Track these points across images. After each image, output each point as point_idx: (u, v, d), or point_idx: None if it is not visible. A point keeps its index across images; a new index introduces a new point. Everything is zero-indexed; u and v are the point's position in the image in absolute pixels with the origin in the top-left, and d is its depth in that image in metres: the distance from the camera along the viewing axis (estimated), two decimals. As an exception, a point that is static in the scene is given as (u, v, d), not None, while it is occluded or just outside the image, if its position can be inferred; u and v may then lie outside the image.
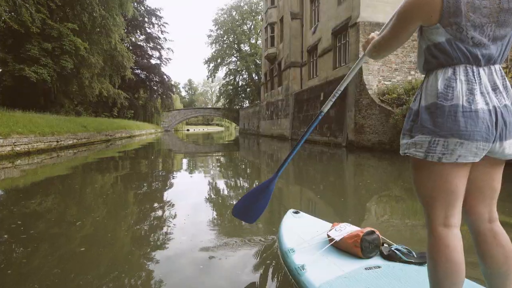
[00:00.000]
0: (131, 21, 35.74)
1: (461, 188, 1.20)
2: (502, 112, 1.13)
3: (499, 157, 1.20)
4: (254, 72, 46.63)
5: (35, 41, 17.32)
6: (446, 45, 1.14)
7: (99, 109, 29.39)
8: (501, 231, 1.25)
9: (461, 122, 1.10)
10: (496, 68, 1.17)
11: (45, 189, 5.22)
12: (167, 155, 12.16)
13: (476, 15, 1.10)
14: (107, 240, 2.89)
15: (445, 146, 1.13)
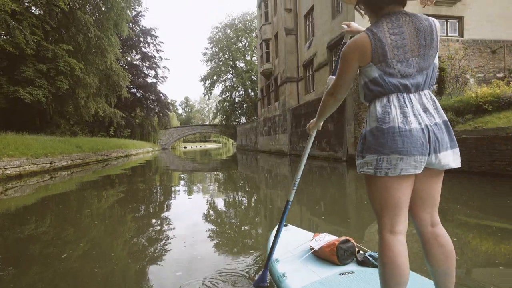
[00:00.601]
0: (126, 40, 35.98)
1: (404, 200, 1.38)
2: (434, 130, 1.33)
3: (437, 168, 1.40)
4: (250, 88, 46.85)
5: (30, 62, 17.27)
6: (379, 79, 1.36)
7: (96, 129, 29.17)
8: (442, 233, 1.43)
9: (399, 141, 1.30)
10: (425, 93, 1.38)
11: (34, 213, 4.92)
12: (163, 174, 11.86)
13: (399, 52, 1.33)
14: (102, 266, 2.79)
15: (389, 162, 1.32)
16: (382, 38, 1.34)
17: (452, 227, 3.69)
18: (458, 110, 8.67)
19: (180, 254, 3.01)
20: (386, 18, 1.38)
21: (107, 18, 21.34)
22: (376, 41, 1.34)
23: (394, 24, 1.36)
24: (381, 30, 1.35)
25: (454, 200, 5.33)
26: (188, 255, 3.00)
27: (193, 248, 3.17)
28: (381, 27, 1.36)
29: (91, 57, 21.40)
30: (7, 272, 2.63)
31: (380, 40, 1.33)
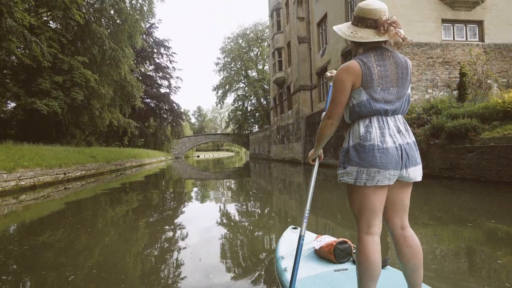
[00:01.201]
0: (140, 52, 36.53)
1: (379, 206, 1.60)
2: (406, 148, 1.56)
3: (407, 180, 1.64)
4: (262, 97, 46.80)
5: (46, 74, 17.60)
6: (366, 102, 1.56)
7: (110, 139, 29.49)
8: (410, 235, 1.65)
9: (377, 157, 1.52)
10: (399, 117, 1.63)
11: (48, 224, 4.79)
12: (177, 184, 11.70)
13: (383, 81, 1.54)
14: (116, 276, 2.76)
15: (368, 174, 1.54)
16: (371, 67, 1.55)
17: (496, 248, 3.36)
18: (484, 116, 8.27)
19: (193, 271, 2.91)
20: (373, 51, 1.60)
21: (122, 30, 21.66)
22: (366, 69, 1.55)
23: (379, 57, 1.58)
24: (370, 61, 1.56)
25: (488, 213, 4.96)
26: (202, 272, 2.88)
27: (208, 262, 3.11)
28: (370, 58, 1.57)
29: (106, 68, 21.69)
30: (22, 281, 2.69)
31: (369, 69, 1.55)
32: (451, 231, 4.14)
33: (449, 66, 12.27)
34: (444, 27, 12.82)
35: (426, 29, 12.32)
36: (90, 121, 22.94)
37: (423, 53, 12.13)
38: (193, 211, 6.24)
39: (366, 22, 1.61)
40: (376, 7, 1.60)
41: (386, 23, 1.57)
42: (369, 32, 1.59)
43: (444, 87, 12.14)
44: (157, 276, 2.87)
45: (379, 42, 1.60)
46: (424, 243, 3.35)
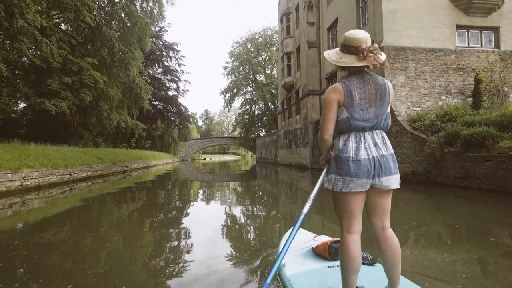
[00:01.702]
0: (149, 55, 36.71)
1: (357, 209, 1.84)
2: (379, 159, 1.78)
3: (381, 188, 1.84)
4: (270, 102, 46.69)
5: (56, 75, 17.70)
6: (346, 120, 1.81)
7: (118, 140, 29.56)
8: (390, 236, 1.87)
9: (351, 167, 1.78)
10: (377, 132, 1.84)
11: (52, 224, 4.64)
12: (183, 186, 11.54)
13: (362, 102, 1.79)
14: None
15: (343, 182, 1.80)
16: (352, 90, 1.78)
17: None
18: (502, 124, 7.98)
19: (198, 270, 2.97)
20: (355, 74, 1.83)
21: (131, 33, 21.71)
22: (347, 91, 1.78)
23: (360, 80, 1.80)
24: (351, 84, 1.79)
25: (508, 226, 4.69)
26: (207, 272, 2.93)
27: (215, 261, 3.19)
28: (352, 81, 1.80)
29: (115, 70, 21.73)
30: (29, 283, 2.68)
31: (350, 91, 1.77)
32: (468, 244, 3.89)
33: (463, 73, 11.98)
34: (458, 33, 12.56)
35: (440, 35, 12.06)
36: (98, 122, 23.02)
37: (436, 59, 11.86)
38: (199, 212, 6.34)
39: (350, 49, 1.85)
40: (359, 37, 1.84)
41: (365, 50, 1.80)
42: (351, 58, 1.84)
43: (458, 94, 11.85)
44: (163, 273, 2.87)
45: (361, 67, 1.84)
46: (437, 255, 3.24)
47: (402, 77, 11.62)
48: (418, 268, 2.95)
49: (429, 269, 2.93)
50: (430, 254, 3.38)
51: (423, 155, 9.50)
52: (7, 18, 12.89)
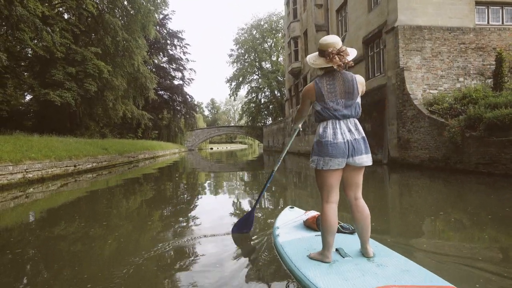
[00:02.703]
0: (154, 43, 36.22)
1: (335, 183, 2.28)
2: (352, 142, 2.19)
3: (355, 165, 2.25)
4: (276, 89, 46.07)
5: (59, 66, 17.49)
6: (321, 111, 2.26)
7: (124, 131, 29.43)
8: (361, 204, 2.30)
9: (330, 149, 2.19)
10: (350, 120, 2.25)
11: (56, 217, 4.35)
12: (191, 177, 11.24)
13: (331, 96, 2.22)
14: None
15: (323, 161, 2.22)
16: (321, 87, 2.24)
17: None
18: (529, 106, 7.42)
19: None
20: (328, 73, 2.29)
21: (135, 21, 21.33)
22: (318, 88, 2.24)
23: (331, 77, 2.25)
24: (321, 82, 2.25)
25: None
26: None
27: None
28: (322, 80, 2.26)
29: (119, 59, 21.46)
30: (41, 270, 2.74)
31: (319, 88, 2.24)
32: (493, 232, 3.52)
33: (483, 53, 11.29)
34: (478, 10, 11.81)
35: (458, 12, 11.36)
36: (103, 112, 22.82)
37: (454, 39, 11.19)
38: (207, 200, 6.45)
39: (321, 53, 2.25)
40: (328, 42, 2.23)
41: (331, 53, 2.16)
42: (322, 60, 2.24)
43: (477, 75, 11.20)
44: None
45: (331, 67, 2.23)
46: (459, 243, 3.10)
47: (418, 58, 11.00)
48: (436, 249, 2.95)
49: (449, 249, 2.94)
50: (451, 241, 3.19)
51: (442, 140, 8.98)
52: (6, 5, 12.55)
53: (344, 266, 2.16)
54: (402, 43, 10.93)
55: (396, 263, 2.18)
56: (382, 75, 13.21)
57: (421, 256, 2.73)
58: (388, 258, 2.26)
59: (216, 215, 4.69)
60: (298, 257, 2.37)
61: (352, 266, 2.14)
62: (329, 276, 2.03)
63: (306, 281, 2.02)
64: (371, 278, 1.96)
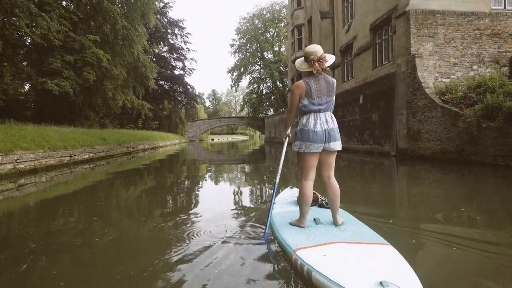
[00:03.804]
0: (154, 32, 35.57)
1: (312, 164, 2.78)
2: (328, 131, 2.69)
3: (330, 150, 2.76)
4: (278, 80, 45.48)
5: (57, 54, 17.09)
6: (307, 105, 2.72)
7: (124, 121, 29.02)
8: (333, 182, 2.81)
9: (311, 136, 2.68)
10: (327, 113, 2.76)
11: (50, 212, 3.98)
12: (192, 169, 10.85)
13: (317, 93, 2.69)
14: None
15: (305, 146, 2.72)
16: (310, 85, 2.71)
17: None
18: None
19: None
20: (312, 75, 2.75)
21: (134, 8, 20.81)
22: (307, 86, 2.71)
23: (316, 78, 2.73)
24: (309, 81, 2.72)
25: None
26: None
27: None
28: (310, 80, 2.73)
29: (119, 48, 21.00)
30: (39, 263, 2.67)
31: (309, 86, 2.71)
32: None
33: (498, 39, 10.72)
34: (493, -6, 11.22)
35: (473, -4, 10.75)
36: (103, 102, 22.37)
37: (468, 24, 10.61)
38: (209, 188, 6.58)
39: (306, 59, 2.80)
40: (311, 51, 2.77)
41: (312, 60, 2.72)
42: (306, 65, 2.79)
43: (492, 63, 10.65)
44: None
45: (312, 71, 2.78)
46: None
47: (430, 45, 10.45)
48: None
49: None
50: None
51: (456, 131, 8.51)
52: (-1, -11, 12.02)
53: (314, 229, 2.73)
54: (413, 29, 10.37)
55: (356, 229, 2.72)
56: (391, 63, 12.68)
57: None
58: (351, 225, 2.83)
59: (219, 206, 4.73)
60: (282, 224, 2.93)
61: (320, 230, 2.71)
62: (298, 235, 2.60)
63: (280, 238, 2.62)
64: (329, 237, 2.53)
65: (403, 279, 1.77)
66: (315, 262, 2.02)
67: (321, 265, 1.98)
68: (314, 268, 1.96)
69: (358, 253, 2.18)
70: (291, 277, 2.16)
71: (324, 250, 2.22)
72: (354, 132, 15.34)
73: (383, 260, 2.05)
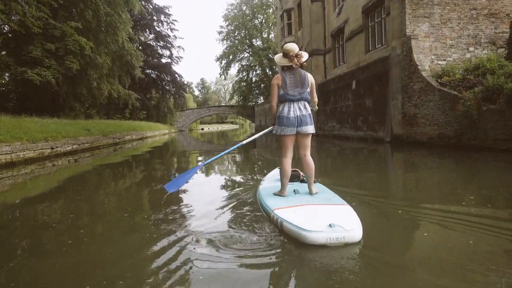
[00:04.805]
0: (139, 20, 34.51)
1: (289, 144, 3.34)
2: (300, 117, 3.22)
3: (303, 132, 3.27)
4: (267, 67, 44.91)
5: (37, 42, 16.33)
6: (283, 95, 3.24)
7: (111, 112, 28.22)
8: (308, 159, 3.34)
9: (285, 121, 3.23)
10: (301, 102, 3.26)
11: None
12: (182, 161, 10.43)
13: (291, 85, 3.23)
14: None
15: (281, 129, 3.27)
16: (285, 78, 3.25)
17: None
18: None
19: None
20: (289, 69, 3.30)
21: (117, -6, 19.90)
22: (283, 78, 3.25)
23: (291, 72, 3.26)
24: (285, 74, 3.26)
25: None
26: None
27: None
28: (286, 73, 3.27)
29: (102, 35, 20.23)
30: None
31: (284, 78, 3.25)
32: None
33: (495, 19, 10.42)
34: (490, -28, 10.86)
35: (469, -26, 10.39)
36: (88, 92, 21.56)
37: (465, 4, 10.26)
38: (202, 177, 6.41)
39: (285, 55, 3.30)
40: (290, 48, 3.29)
41: (292, 56, 3.24)
42: (285, 60, 3.30)
43: (488, 44, 10.37)
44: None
45: (291, 65, 3.28)
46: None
47: (426, 26, 10.09)
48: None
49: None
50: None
51: (454, 115, 8.24)
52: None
53: (292, 197, 3.28)
54: (409, 9, 9.98)
55: (326, 195, 3.28)
56: (384, 46, 12.34)
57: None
58: (323, 193, 3.36)
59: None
60: (267, 194, 3.49)
61: (296, 197, 3.26)
62: (278, 200, 3.17)
63: (264, 204, 3.18)
64: (302, 200, 3.11)
65: (347, 223, 2.44)
66: (286, 216, 2.67)
67: (290, 217, 2.63)
68: (284, 219, 2.63)
69: (321, 210, 2.79)
70: (270, 228, 2.82)
71: (295, 209, 2.83)
72: (346, 118, 15.05)
73: (339, 214, 2.67)
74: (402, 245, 2.57)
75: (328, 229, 2.34)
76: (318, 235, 2.32)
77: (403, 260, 2.22)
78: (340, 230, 2.33)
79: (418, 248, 2.54)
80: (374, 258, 2.18)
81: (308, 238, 2.34)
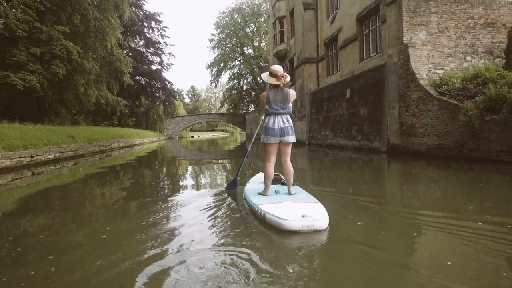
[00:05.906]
0: (130, 26, 34.07)
1: (273, 151, 4.00)
2: (283, 128, 3.92)
3: (285, 142, 3.96)
4: (258, 75, 44.67)
5: (22, 46, 15.74)
6: (268, 109, 3.97)
7: (99, 118, 27.46)
8: (288, 164, 4.02)
9: (270, 131, 3.93)
10: (284, 115, 3.97)
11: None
12: (170, 171, 9.93)
13: (275, 101, 3.95)
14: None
15: (267, 138, 3.95)
16: (269, 96, 3.93)
17: None
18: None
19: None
20: (274, 87, 3.98)
21: (107, -1, 19.53)
22: (268, 96, 3.93)
23: (276, 90, 3.96)
24: (271, 92, 3.96)
25: None
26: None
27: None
28: (271, 91, 3.96)
29: (91, 40, 19.75)
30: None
31: (269, 96, 3.93)
32: None
33: (492, 29, 10.34)
34: (486, -19, 10.81)
35: (466, -17, 10.30)
36: (75, 98, 20.90)
37: (462, 12, 10.17)
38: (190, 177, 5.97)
39: (272, 75, 3.94)
40: (277, 70, 3.94)
41: (279, 76, 3.90)
42: (273, 79, 3.93)
43: (486, 53, 10.27)
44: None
45: (278, 84, 3.94)
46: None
47: (423, 34, 9.93)
48: None
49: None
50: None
51: (455, 125, 8.00)
52: None
53: (273, 196, 3.92)
54: (406, 16, 9.80)
55: (302, 195, 3.90)
56: (379, 55, 12.16)
57: None
58: (300, 194, 3.98)
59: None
60: (252, 193, 4.06)
61: (277, 196, 3.90)
62: (262, 198, 3.80)
63: (250, 201, 3.78)
64: (282, 198, 3.77)
65: (317, 214, 3.02)
66: (268, 210, 3.22)
67: (271, 210, 3.18)
68: (267, 212, 3.17)
69: (297, 205, 3.36)
70: (254, 220, 3.38)
71: (276, 205, 3.41)
72: (340, 128, 14.79)
73: (311, 208, 3.22)
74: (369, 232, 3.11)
75: (301, 219, 2.91)
76: (293, 223, 2.88)
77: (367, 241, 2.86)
78: (311, 220, 2.89)
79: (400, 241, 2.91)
80: (339, 242, 2.80)
81: (285, 225, 2.90)
